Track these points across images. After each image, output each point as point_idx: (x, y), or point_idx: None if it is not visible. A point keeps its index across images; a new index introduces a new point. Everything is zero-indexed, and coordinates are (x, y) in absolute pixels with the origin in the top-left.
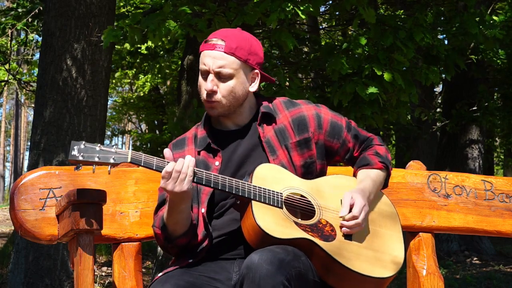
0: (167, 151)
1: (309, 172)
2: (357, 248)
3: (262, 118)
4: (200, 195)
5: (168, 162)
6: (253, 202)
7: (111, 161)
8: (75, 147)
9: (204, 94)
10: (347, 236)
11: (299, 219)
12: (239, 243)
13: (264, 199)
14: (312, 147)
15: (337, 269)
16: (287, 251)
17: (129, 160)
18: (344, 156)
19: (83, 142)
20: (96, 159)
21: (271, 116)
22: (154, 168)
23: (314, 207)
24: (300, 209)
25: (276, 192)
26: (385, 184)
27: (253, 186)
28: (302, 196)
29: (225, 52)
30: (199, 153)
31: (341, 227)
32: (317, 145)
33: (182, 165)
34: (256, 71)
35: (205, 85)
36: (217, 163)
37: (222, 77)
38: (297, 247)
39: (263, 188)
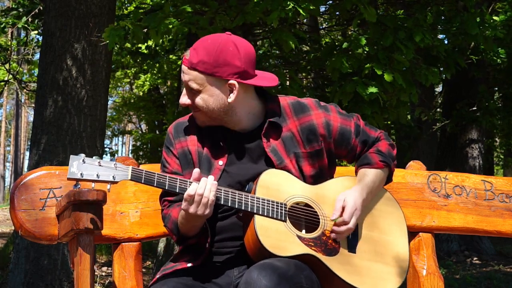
0: (196, 172)
1: (318, 181)
2: (361, 261)
3: (268, 127)
4: None
5: (175, 180)
6: (255, 216)
7: (111, 178)
8: (74, 163)
9: None
10: (351, 249)
11: (303, 232)
12: (241, 247)
13: (267, 213)
14: (323, 157)
15: (339, 284)
16: (288, 265)
17: (129, 177)
18: (352, 160)
19: (83, 157)
20: (96, 177)
21: (278, 125)
22: (155, 185)
23: (318, 217)
24: (305, 220)
25: (280, 204)
26: (389, 179)
27: (256, 198)
28: (306, 204)
29: (188, 67)
30: (203, 146)
31: (331, 232)
32: (328, 152)
33: (204, 188)
34: (232, 82)
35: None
36: (220, 162)
37: (192, 91)
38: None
39: (267, 200)
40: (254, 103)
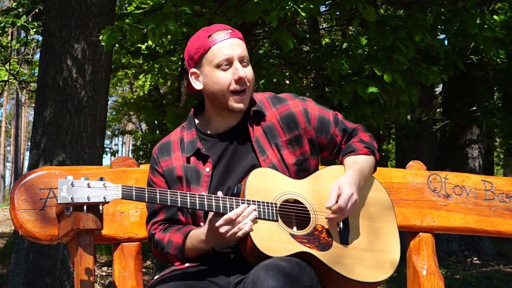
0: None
1: (302, 169)
2: (355, 253)
3: (252, 116)
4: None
5: (165, 192)
6: None
7: (102, 199)
8: (64, 188)
9: (232, 87)
10: (343, 241)
11: (295, 229)
12: (237, 248)
13: (259, 215)
14: (304, 144)
15: (336, 278)
16: (291, 264)
17: (120, 196)
18: (332, 151)
19: (71, 180)
20: (87, 200)
21: (260, 114)
22: (146, 201)
23: (309, 212)
24: (295, 217)
25: (270, 204)
26: (373, 169)
27: (247, 201)
28: (296, 200)
29: (238, 38)
30: (188, 159)
31: (327, 219)
32: (310, 141)
33: (243, 211)
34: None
35: (237, 73)
36: (207, 169)
37: (244, 63)
38: None
39: (257, 202)
40: None
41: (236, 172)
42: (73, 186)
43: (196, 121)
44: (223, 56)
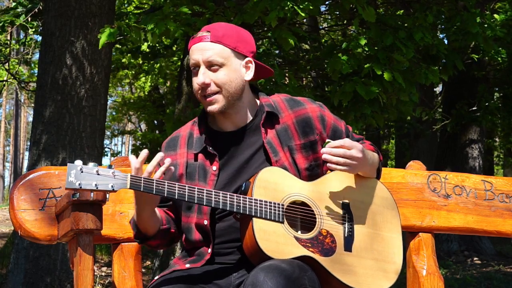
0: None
1: (313, 174)
2: (357, 260)
3: (266, 117)
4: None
5: (173, 186)
6: (253, 218)
7: (109, 188)
8: (72, 172)
9: (198, 91)
10: (347, 248)
11: (299, 232)
12: (240, 248)
13: (265, 215)
14: (318, 150)
15: (336, 284)
16: (292, 266)
17: (128, 186)
18: None
19: (80, 165)
20: (94, 187)
21: (274, 115)
22: (154, 193)
23: (315, 216)
24: (301, 220)
25: (277, 204)
26: (377, 174)
27: (254, 200)
28: (303, 203)
29: (211, 42)
30: (196, 156)
31: (326, 160)
32: (323, 147)
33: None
34: (249, 59)
35: (197, 79)
36: (214, 167)
37: (213, 68)
38: None
39: (264, 201)
40: (252, 95)
41: (246, 174)
42: (82, 172)
43: (208, 119)
44: (191, 60)
